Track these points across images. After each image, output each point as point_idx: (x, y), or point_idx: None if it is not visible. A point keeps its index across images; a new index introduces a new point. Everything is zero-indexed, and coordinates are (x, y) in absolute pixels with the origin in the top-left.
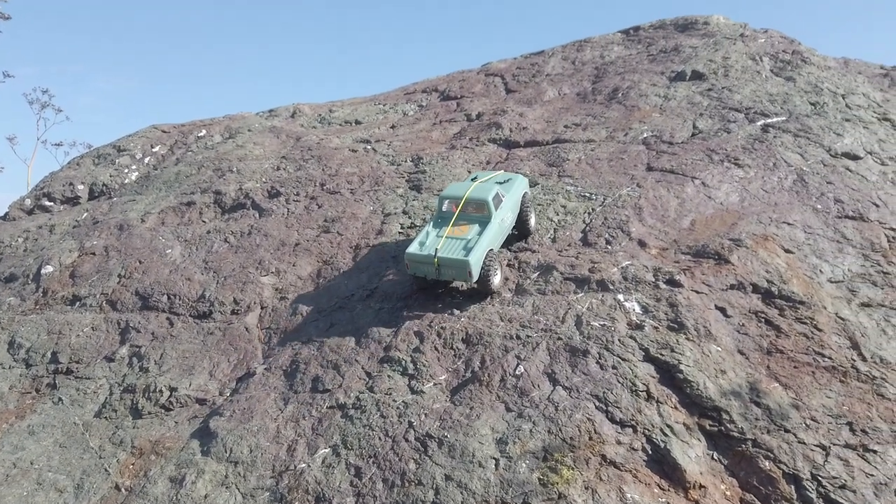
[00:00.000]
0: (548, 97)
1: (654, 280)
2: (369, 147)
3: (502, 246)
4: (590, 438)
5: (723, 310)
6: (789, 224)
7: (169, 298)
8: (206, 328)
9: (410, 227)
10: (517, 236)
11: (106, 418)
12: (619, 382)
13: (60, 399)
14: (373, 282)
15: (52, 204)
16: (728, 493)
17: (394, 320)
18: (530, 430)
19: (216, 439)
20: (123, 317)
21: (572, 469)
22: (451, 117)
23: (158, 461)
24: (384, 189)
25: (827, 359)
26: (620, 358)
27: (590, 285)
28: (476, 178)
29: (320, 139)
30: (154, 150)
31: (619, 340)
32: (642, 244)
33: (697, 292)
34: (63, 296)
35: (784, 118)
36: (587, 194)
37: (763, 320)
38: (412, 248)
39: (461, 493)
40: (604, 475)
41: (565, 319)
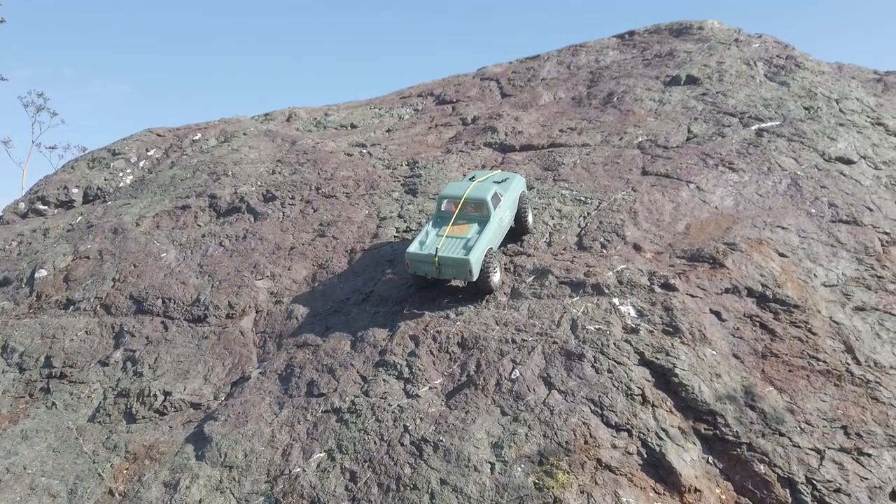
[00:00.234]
0: (543, 101)
1: (649, 284)
2: (365, 151)
3: (501, 244)
4: (585, 442)
5: (717, 314)
6: (784, 228)
7: (163, 302)
8: (201, 332)
9: (406, 231)
10: (515, 234)
11: (100, 423)
12: (615, 386)
13: (54, 403)
14: (368, 286)
15: (46, 207)
16: (723, 496)
17: (389, 324)
18: (526, 434)
19: (211, 444)
20: (118, 321)
21: (568, 473)
22: (447, 121)
23: (152, 466)
24: (380, 193)
25: (821, 362)
26: (616, 362)
27: (585, 289)
28: (474, 177)
29: (316, 143)
30: (149, 153)
31: (615, 344)
32: (637, 248)
33: (692, 296)
34: (57, 300)
35: (778, 123)
36: (582, 198)
37: (758, 324)
38: (412, 247)
39: (456, 497)
40: (599, 479)
41: (561, 323)
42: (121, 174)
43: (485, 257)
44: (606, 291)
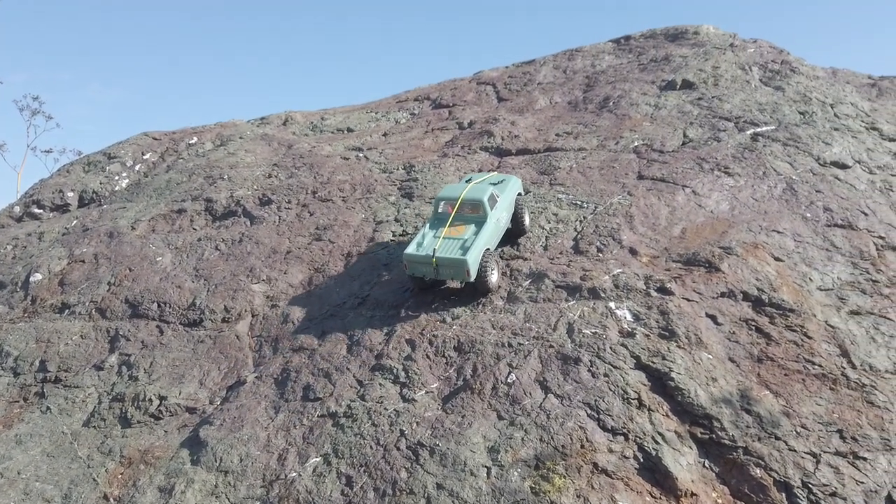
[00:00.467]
0: (539, 106)
1: (645, 288)
2: (361, 155)
3: (498, 246)
4: (581, 446)
5: (713, 318)
6: (779, 232)
7: (159, 306)
8: (197, 336)
9: (402, 235)
10: (512, 236)
11: (94, 427)
12: (611, 390)
13: (48, 408)
14: (364, 289)
15: (41, 211)
16: (719, 500)
17: (386, 328)
18: (522, 439)
19: (206, 448)
20: (113, 325)
21: (564, 477)
22: (443, 125)
23: (147, 471)
24: (376, 197)
25: (817, 366)
26: (612, 366)
27: (581, 293)
28: (470, 179)
29: (312, 147)
30: (145, 157)
31: (611, 348)
32: (633, 252)
33: (688, 300)
34: (52, 304)
35: (773, 127)
36: (578, 202)
37: (753, 328)
38: (410, 248)
39: (453, 501)
40: (595, 483)
41: (557, 327)
42: (116, 178)
43: (482, 258)
44: (603, 295)
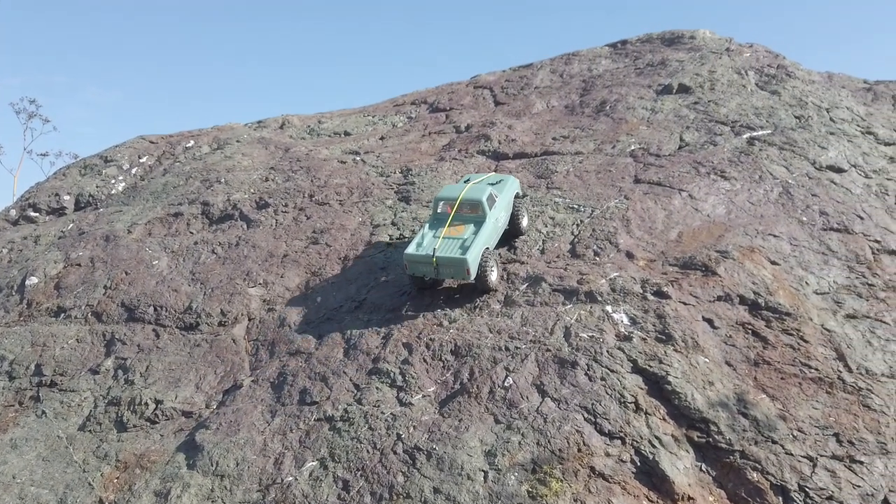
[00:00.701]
0: (536, 109)
1: (641, 291)
2: (358, 158)
3: (496, 245)
4: (578, 450)
5: (710, 321)
6: (775, 236)
7: (155, 310)
8: (193, 340)
9: (399, 239)
10: (510, 237)
11: (90, 431)
12: (608, 394)
13: (44, 412)
14: (361, 293)
15: (37, 215)
16: None
17: (383, 332)
18: (519, 442)
19: (202, 452)
20: (109, 329)
21: (561, 481)
22: (440, 129)
23: (143, 475)
24: (373, 200)
25: (813, 370)
26: (609, 369)
27: (578, 297)
28: (469, 179)
29: (309, 150)
30: (141, 160)
31: (608, 352)
32: (630, 256)
33: (685, 304)
34: (48, 307)
35: (769, 131)
36: (575, 206)
37: (750, 332)
38: (410, 248)
39: None
40: (592, 487)
41: (554, 331)
42: (113, 181)
43: (482, 257)
44: (599, 299)
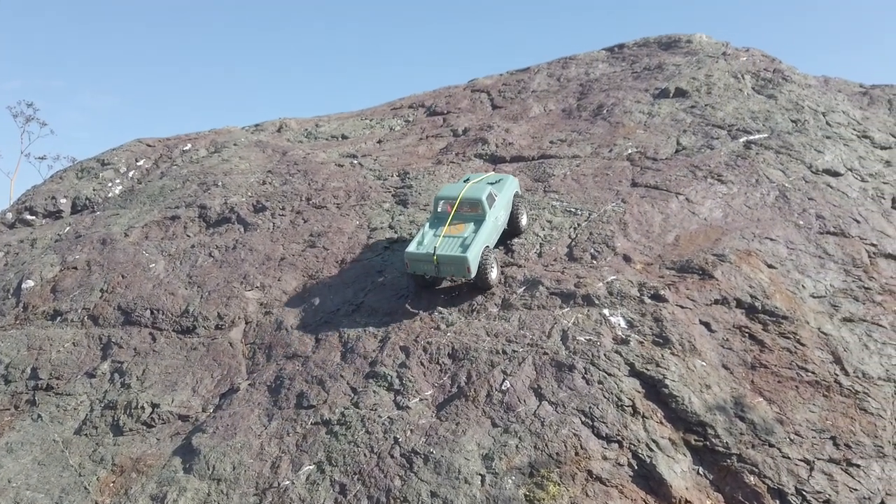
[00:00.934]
0: (533, 113)
1: (639, 295)
2: (356, 162)
3: (496, 244)
4: (576, 454)
5: (707, 325)
6: (772, 240)
7: (152, 313)
8: (190, 343)
9: (397, 242)
10: (509, 236)
11: (86, 435)
12: (605, 397)
13: (40, 416)
14: (359, 296)
15: (34, 218)
16: None
17: (380, 335)
18: (516, 446)
19: (199, 456)
20: (105, 332)
21: (558, 485)
22: (438, 132)
23: (139, 479)
24: (370, 204)
25: (810, 373)
26: (606, 373)
27: (575, 300)
28: (468, 179)
29: (306, 154)
30: (138, 163)
31: (605, 355)
32: (627, 259)
33: (682, 307)
34: (44, 311)
35: (766, 135)
36: (572, 209)
37: (747, 335)
38: (411, 247)
39: None
40: (590, 491)
41: (551, 334)
42: (110, 184)
43: (482, 255)
44: (597, 302)
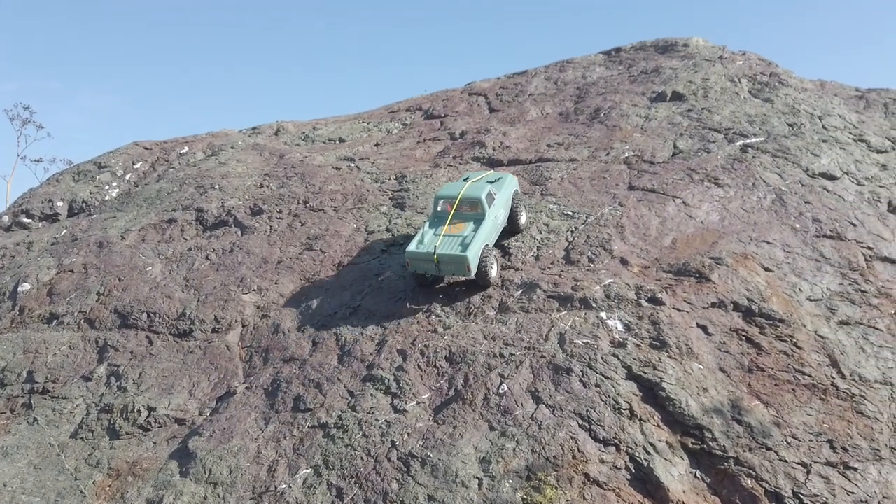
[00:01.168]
0: (531, 116)
1: (636, 298)
2: (353, 165)
3: (496, 243)
4: (573, 457)
5: (704, 328)
6: (769, 243)
7: (148, 316)
8: (187, 347)
9: (393, 245)
10: (508, 234)
11: (82, 439)
12: (602, 401)
13: (36, 419)
14: (356, 299)
15: (30, 221)
16: None
17: (377, 338)
18: (514, 449)
19: (195, 460)
20: (102, 335)
21: (556, 488)
22: (435, 136)
23: (136, 483)
24: (368, 207)
25: (807, 376)
26: (603, 376)
27: (573, 303)
28: (468, 178)
29: (304, 157)
30: (135, 166)
31: (602, 358)
32: (624, 262)
33: (679, 310)
34: (40, 314)
35: (762, 139)
36: (570, 213)
37: (744, 338)
38: (411, 246)
39: None
40: (587, 494)
41: (548, 337)
42: (106, 187)
43: (482, 253)
44: (594, 305)
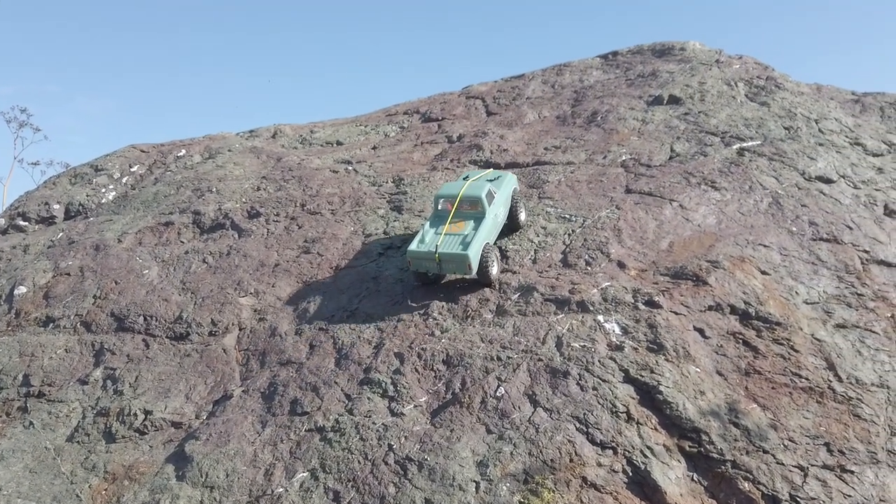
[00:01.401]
0: (528, 120)
1: (633, 301)
2: (350, 168)
3: (496, 240)
4: (570, 460)
5: (701, 331)
6: (765, 246)
7: (145, 319)
8: (183, 350)
9: (391, 248)
10: (508, 231)
11: (78, 443)
12: (600, 404)
13: (31, 423)
14: (353, 303)
15: (26, 223)
16: None
17: (374, 341)
18: (511, 453)
19: (192, 463)
20: (98, 338)
21: (553, 492)
22: (433, 139)
23: (132, 487)
24: (365, 210)
25: (804, 379)
26: (601, 379)
27: (570, 306)
28: (468, 177)
29: (301, 160)
30: (132, 169)
31: (600, 361)
32: (621, 265)
33: (676, 313)
34: (36, 317)
35: (759, 142)
36: (567, 216)
37: (741, 341)
38: (413, 245)
39: None
40: (584, 497)
41: (546, 340)
42: (103, 190)
43: (482, 251)
44: (591, 308)
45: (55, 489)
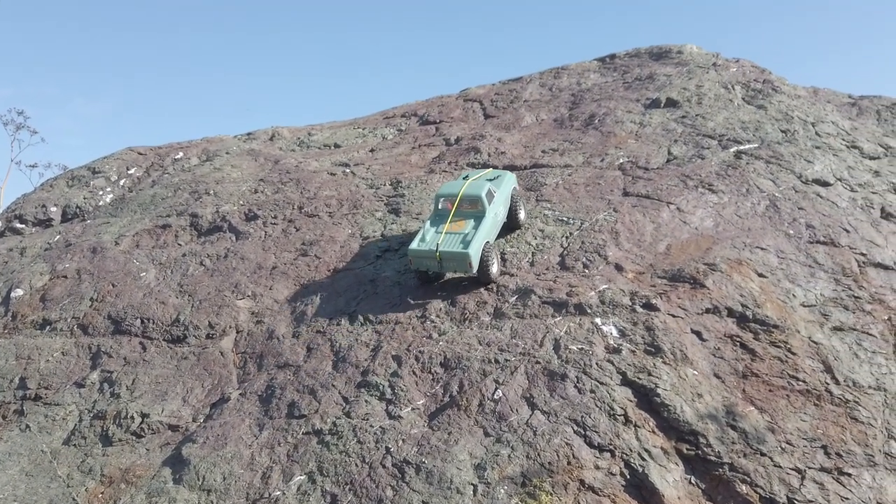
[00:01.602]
0: (525, 122)
1: (630, 304)
2: (348, 170)
3: (496, 238)
4: (568, 463)
5: (698, 333)
6: (762, 249)
7: (142, 322)
8: (180, 353)
9: (388, 251)
10: (508, 230)
11: (75, 446)
12: (597, 406)
13: (28, 426)
14: (351, 305)
15: (23, 226)
16: None
17: (372, 344)
18: (509, 456)
19: (189, 467)
20: (95, 341)
21: (551, 494)
22: (430, 141)
23: (129, 490)
24: (363, 212)
25: (801, 382)
26: (598, 382)
27: (567, 309)
28: (468, 176)
29: (299, 162)
30: (129, 172)
31: (597, 364)
32: (619, 268)
33: (673, 316)
34: (33, 320)
35: (756, 145)
36: (565, 218)
37: (738, 344)
38: (414, 244)
39: None
40: (582, 500)
41: (543, 343)
42: (100, 193)
43: (483, 250)
44: (589, 311)
45: (51, 492)
